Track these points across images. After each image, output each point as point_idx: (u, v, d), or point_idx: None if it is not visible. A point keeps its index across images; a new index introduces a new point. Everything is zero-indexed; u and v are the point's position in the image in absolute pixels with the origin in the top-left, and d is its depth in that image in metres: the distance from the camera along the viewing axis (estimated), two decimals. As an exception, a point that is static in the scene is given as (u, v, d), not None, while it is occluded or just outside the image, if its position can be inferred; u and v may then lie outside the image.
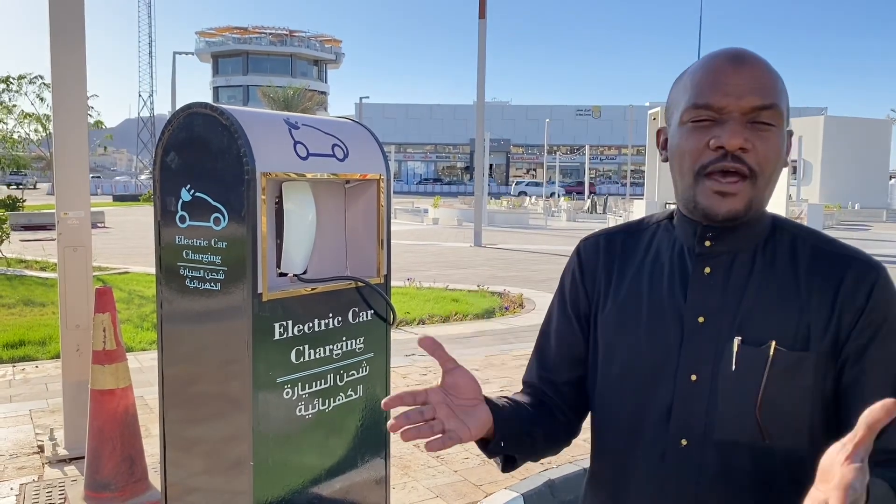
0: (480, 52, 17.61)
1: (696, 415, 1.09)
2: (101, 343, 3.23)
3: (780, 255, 1.14)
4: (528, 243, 18.11)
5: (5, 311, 8.36)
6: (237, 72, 78.54)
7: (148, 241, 17.10)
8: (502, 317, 8.48)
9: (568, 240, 19.14)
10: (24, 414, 4.71)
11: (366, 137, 3.27)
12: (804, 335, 1.07)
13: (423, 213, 27.71)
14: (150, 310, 8.14)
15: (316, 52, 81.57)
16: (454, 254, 15.47)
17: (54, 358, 6.18)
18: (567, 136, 71.27)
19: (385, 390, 3.30)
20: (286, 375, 2.79)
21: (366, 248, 3.29)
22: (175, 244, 2.85)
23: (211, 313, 2.85)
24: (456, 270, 12.52)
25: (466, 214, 25.55)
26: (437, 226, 24.80)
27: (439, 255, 15.14)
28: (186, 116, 2.83)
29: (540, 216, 28.66)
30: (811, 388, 1.07)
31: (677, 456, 1.11)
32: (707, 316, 1.11)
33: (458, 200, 34.01)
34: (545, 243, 18.09)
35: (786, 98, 1.10)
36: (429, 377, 5.71)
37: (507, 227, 24.13)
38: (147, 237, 18.25)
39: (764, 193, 1.10)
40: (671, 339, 1.12)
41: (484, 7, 17.57)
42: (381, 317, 3.27)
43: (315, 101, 53.23)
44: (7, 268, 11.90)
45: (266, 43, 79.11)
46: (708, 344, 1.10)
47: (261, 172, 2.67)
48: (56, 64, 3.58)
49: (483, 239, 17.52)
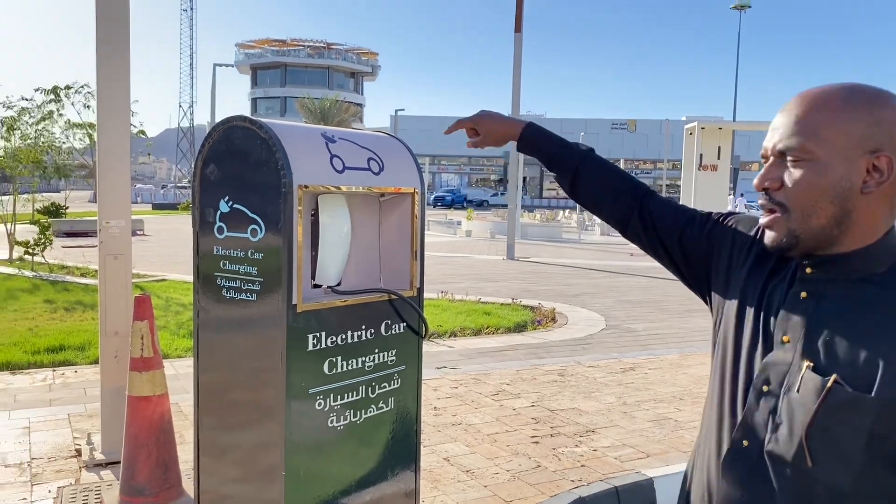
0: (516, 66, 17.63)
1: (759, 423, 1.17)
2: (138, 350, 3.30)
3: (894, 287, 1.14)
4: (562, 257, 18.03)
5: (47, 315, 8.55)
6: (275, 83, 79.66)
7: (186, 250, 17.37)
8: (534, 331, 8.44)
9: (602, 254, 19.00)
10: (62, 418, 4.82)
11: (401, 151, 3.30)
12: (870, 377, 1.07)
13: (456, 226, 27.74)
14: (186, 317, 8.27)
15: (353, 64, 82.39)
16: (487, 266, 15.46)
17: (93, 363, 6.30)
18: (602, 150, 70.21)
19: (416, 403, 3.31)
20: (319, 386, 2.81)
21: (399, 260, 3.31)
22: (213, 254, 2.90)
23: (246, 323, 2.89)
24: (488, 283, 12.51)
25: (499, 227, 25.51)
26: (470, 238, 24.81)
27: (472, 267, 15.14)
28: (226, 129, 2.89)
29: (573, 230, 28.52)
30: (869, 430, 1.06)
31: (739, 454, 1.19)
32: (791, 337, 1.17)
33: (490, 213, 33.99)
34: (579, 257, 17.98)
35: (838, 127, 1.11)
36: (459, 390, 5.71)
37: (540, 240, 24.04)
38: (185, 245, 18.53)
39: (811, 224, 1.14)
40: (758, 346, 1.21)
41: (520, 21, 17.61)
42: (414, 329, 3.28)
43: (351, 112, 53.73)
44: (49, 273, 12.18)
45: (304, 55, 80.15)
46: (784, 363, 1.16)
47: (298, 185, 2.71)
48: (101, 79, 3.69)
49: (516, 252, 17.47)
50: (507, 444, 4.54)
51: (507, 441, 4.60)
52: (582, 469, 4.19)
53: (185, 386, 5.27)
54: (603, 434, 4.81)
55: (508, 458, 4.33)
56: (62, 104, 12.86)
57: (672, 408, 5.48)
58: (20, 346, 6.85)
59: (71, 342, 7.01)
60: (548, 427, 4.89)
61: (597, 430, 4.88)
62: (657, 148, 69.46)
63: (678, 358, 7.19)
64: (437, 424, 4.82)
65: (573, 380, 6.16)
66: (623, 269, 15.30)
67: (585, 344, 7.83)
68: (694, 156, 18.91)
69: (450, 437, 4.63)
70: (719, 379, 1.28)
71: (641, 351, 7.58)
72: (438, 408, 5.18)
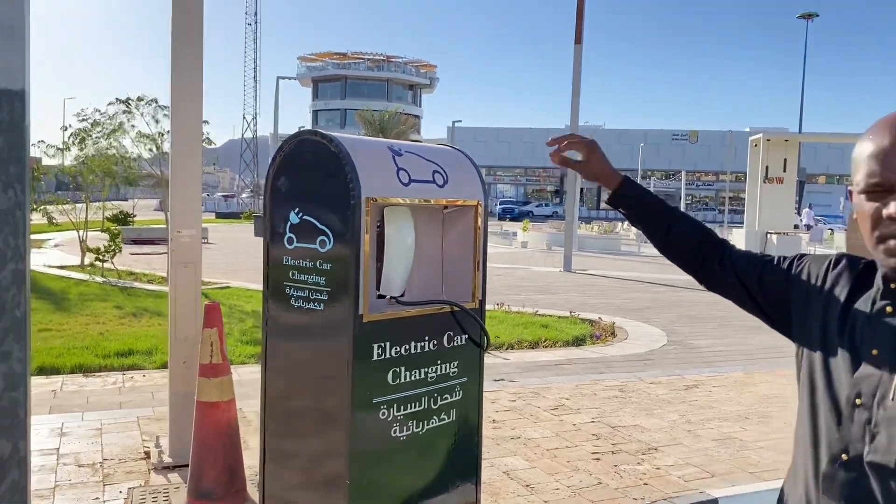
0: (575, 77, 17.54)
1: (856, 436, 1.20)
2: (207, 356, 3.39)
3: None
4: (620, 270, 17.78)
5: (116, 321, 8.86)
6: (336, 96, 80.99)
7: (248, 258, 17.78)
8: (593, 345, 8.34)
9: (661, 267, 18.67)
10: (132, 420, 4.97)
11: (465, 164, 3.31)
12: None
13: (512, 237, 27.66)
14: (250, 324, 8.44)
15: (411, 76, 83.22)
16: (543, 278, 15.36)
17: (160, 367, 6.49)
18: (662, 161, 69.80)
19: (478, 416, 3.31)
20: (383, 396, 2.84)
21: (461, 272, 3.33)
22: (282, 264, 2.97)
23: (313, 332, 2.94)
24: (545, 296, 12.43)
25: (556, 239, 25.32)
26: (526, 249, 24.70)
27: (528, 279, 15.06)
28: (297, 143, 2.96)
29: (632, 242, 28.08)
30: None
31: (838, 468, 1.23)
32: (880, 350, 1.22)
33: (547, 224, 33.78)
34: (638, 270, 17.71)
35: None
36: (518, 403, 5.67)
37: (597, 252, 23.77)
38: (247, 253, 18.96)
39: None
40: (847, 363, 1.26)
41: (580, 33, 17.53)
42: (476, 342, 3.29)
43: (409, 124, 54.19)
44: (118, 279, 12.61)
45: (364, 68, 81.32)
46: (875, 375, 1.21)
47: (366, 197, 2.75)
48: (176, 95, 3.82)
49: (573, 264, 17.32)
50: (568, 460, 4.49)
51: (567, 456, 4.55)
52: (644, 487, 4.12)
53: (248, 392, 5.38)
54: (666, 452, 4.72)
55: (569, 473, 4.28)
56: (132, 116, 13.32)
57: (737, 427, 5.33)
58: (92, 349, 7.10)
59: (139, 347, 7.23)
60: (609, 444, 4.82)
61: (659, 448, 4.79)
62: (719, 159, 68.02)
63: (743, 376, 7.01)
64: (495, 437, 4.80)
65: (634, 396, 6.06)
66: (685, 283, 15.00)
67: (647, 360, 7.70)
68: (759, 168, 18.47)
69: (509, 451, 4.60)
70: (808, 399, 1.33)
71: (705, 368, 7.41)
72: (497, 421, 5.16)
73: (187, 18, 3.84)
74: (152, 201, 38.83)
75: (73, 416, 5.04)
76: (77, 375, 6.27)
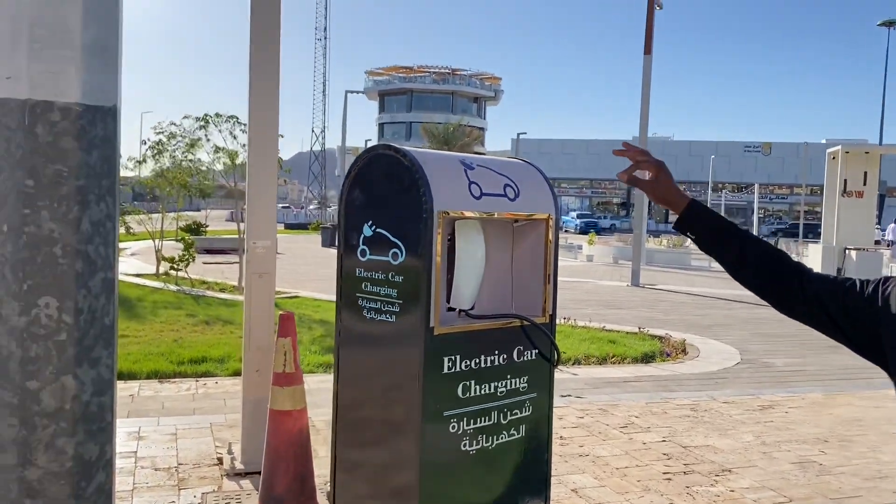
0: (644, 89, 17.30)
1: None
2: (281, 366, 3.45)
3: None
4: (690, 285, 17.37)
5: (190, 328, 9.12)
6: (401, 109, 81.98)
7: (316, 268, 18.09)
8: (663, 362, 8.16)
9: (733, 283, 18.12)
10: (205, 427, 5.10)
11: (536, 178, 3.30)
12: None
13: (577, 250, 27.35)
14: (318, 333, 8.57)
15: (476, 89, 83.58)
16: (610, 293, 15.13)
17: (231, 375, 6.65)
18: (734, 174, 68.06)
19: (548, 432, 3.27)
20: (453, 409, 2.84)
21: (531, 286, 3.30)
22: (355, 276, 3.00)
23: (385, 343, 2.97)
24: (612, 310, 12.23)
25: (623, 252, 24.92)
26: (592, 263, 24.39)
27: (595, 293, 14.86)
28: (371, 157, 3.00)
29: (703, 257, 27.38)
30: None
31: None
32: None
33: (613, 237, 33.31)
34: (709, 286, 17.26)
35: None
36: (586, 420, 5.58)
37: (666, 266, 23.29)
38: (315, 263, 19.31)
39: None
40: None
41: (650, 43, 17.29)
42: (546, 357, 3.26)
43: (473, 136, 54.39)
44: (191, 287, 13.00)
45: (429, 81, 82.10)
46: None
47: (438, 211, 2.77)
48: (253, 111, 3.94)
49: (641, 278, 17.00)
50: (638, 479, 4.39)
51: (637, 476, 4.45)
52: (718, 510, 3.99)
53: (317, 401, 5.44)
54: (740, 474, 4.56)
55: (639, 493, 4.18)
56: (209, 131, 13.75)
57: (816, 450, 5.12)
58: (166, 356, 7.33)
59: (212, 354, 7.42)
60: (680, 464, 4.70)
61: (734, 470, 4.63)
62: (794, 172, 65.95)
63: (822, 397, 6.73)
64: (563, 454, 4.74)
65: (706, 416, 5.89)
66: (758, 299, 14.51)
67: (719, 378, 7.48)
68: (837, 181, 17.79)
69: (577, 468, 4.53)
70: None
71: (780, 388, 7.15)
72: (565, 437, 5.09)
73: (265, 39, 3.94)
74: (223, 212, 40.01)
75: (149, 420, 5.21)
76: (153, 381, 6.48)
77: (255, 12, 3.90)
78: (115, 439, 2.05)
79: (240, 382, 5.24)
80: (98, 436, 1.98)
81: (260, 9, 3.92)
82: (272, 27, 3.95)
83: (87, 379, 1.92)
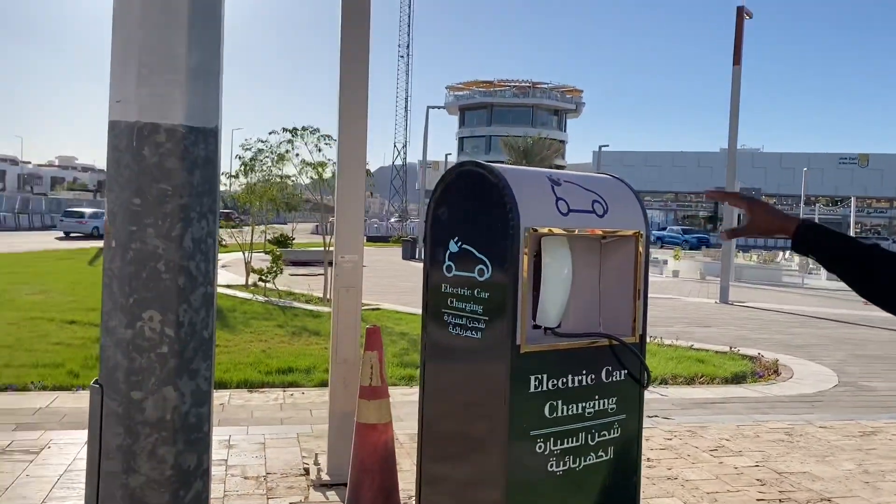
0: (734, 99, 16.80)
1: None
2: (367, 379, 3.49)
3: None
4: (782, 303, 16.68)
5: (277, 339, 9.37)
6: (481, 123, 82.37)
7: (397, 280, 18.32)
8: (755, 384, 7.84)
9: (829, 301, 17.32)
10: (292, 437, 5.20)
11: (625, 193, 3.23)
12: None
13: (662, 265, 26.70)
14: (400, 347, 8.65)
15: (556, 102, 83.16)
16: (698, 310, 14.69)
17: (317, 386, 6.77)
18: (828, 187, 65.23)
19: (637, 455, 3.18)
20: (540, 429, 2.80)
21: (619, 304, 3.23)
22: (441, 291, 3.01)
23: (470, 359, 2.96)
24: (700, 328, 11.86)
25: (710, 268, 24.21)
26: (677, 279, 23.76)
27: (681, 310, 14.45)
28: (458, 173, 3.01)
29: (795, 273, 26.28)
30: None
31: None
32: None
33: (700, 252, 32.37)
34: (802, 304, 16.54)
35: None
36: (674, 442, 5.41)
37: (757, 283, 22.45)
38: (396, 276, 19.55)
39: None
40: None
41: (739, 53, 16.80)
42: (635, 378, 3.17)
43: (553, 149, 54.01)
44: (278, 299, 13.36)
45: (509, 95, 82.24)
46: None
47: (525, 227, 2.75)
48: (343, 129, 4.02)
49: (730, 295, 16.44)
50: (729, 506, 4.21)
51: (728, 502, 4.27)
52: (818, 543, 3.78)
53: (398, 414, 5.48)
54: (841, 505, 4.32)
55: (731, 520, 4.02)
56: (295, 145, 14.14)
57: (926, 482, 4.80)
58: (255, 366, 7.53)
59: (298, 365, 7.58)
60: (776, 490, 4.49)
61: (833, 500, 4.39)
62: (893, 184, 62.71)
63: (930, 425, 6.31)
64: (651, 477, 4.60)
65: (803, 441, 5.61)
66: (856, 318, 13.82)
67: (815, 401, 7.12)
68: (944, 194, 16.75)
69: (665, 492, 4.39)
70: None
71: (883, 413, 6.75)
72: (652, 459, 4.95)
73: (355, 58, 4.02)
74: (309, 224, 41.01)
75: (239, 429, 5.36)
76: (242, 390, 6.67)
77: (346, 29, 3.99)
78: (211, 449, 2.12)
79: (325, 393, 5.33)
80: (196, 445, 2.05)
81: (350, 27, 4.00)
82: (361, 47, 4.03)
83: (187, 390, 1.99)
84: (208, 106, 1.99)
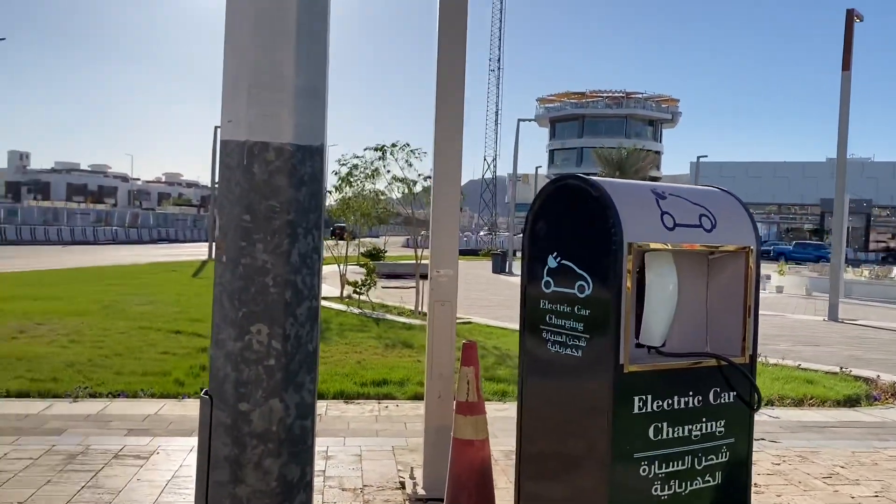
0: (843, 107, 15.96)
1: None
2: (464, 394, 3.46)
3: None
4: (897, 321, 15.64)
5: (371, 350, 9.49)
6: (572, 135, 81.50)
7: (487, 293, 18.28)
8: (871, 407, 7.35)
9: (951, 320, 16.10)
10: (387, 449, 5.23)
11: (735, 207, 3.10)
12: None
13: (765, 280, 25.56)
14: (491, 361, 8.60)
15: (651, 112, 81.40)
16: (804, 328, 13.96)
17: (411, 398, 6.80)
18: (952, 199, 61.00)
19: (746, 481, 3.03)
20: (644, 452, 2.70)
21: (728, 323, 3.09)
22: (539, 307, 2.96)
23: (570, 378, 2.89)
24: (808, 347, 11.26)
25: (816, 283, 23.02)
26: (781, 294, 22.70)
27: (787, 328, 13.77)
28: (557, 187, 2.95)
29: (911, 289, 24.62)
30: None
31: None
32: None
33: (806, 268, 30.85)
34: (920, 322, 15.45)
35: None
36: (783, 467, 5.13)
37: (868, 300, 21.17)
38: (487, 290, 19.52)
39: None
40: None
41: (849, 59, 15.97)
42: (745, 400, 3.02)
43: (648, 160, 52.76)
44: (372, 311, 13.56)
45: (602, 106, 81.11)
46: None
47: (628, 243, 2.67)
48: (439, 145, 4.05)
49: (840, 312, 15.55)
50: (847, 539, 3.95)
51: (846, 535, 4.00)
52: (949, 584, 3.48)
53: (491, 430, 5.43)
54: (975, 544, 3.97)
55: (850, 555, 3.76)
56: (387, 161, 14.38)
57: None
58: (351, 377, 7.64)
59: (392, 377, 7.64)
60: (898, 525, 4.18)
61: (965, 538, 4.04)
62: None
63: None
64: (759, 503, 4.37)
65: (927, 470, 5.21)
66: (983, 339, 12.78)
67: (940, 428, 6.60)
68: None
69: (775, 521, 4.16)
70: None
71: None
72: (759, 485, 4.70)
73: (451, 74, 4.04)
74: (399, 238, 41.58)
75: (336, 440, 5.43)
76: (339, 401, 6.77)
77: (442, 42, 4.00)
78: (314, 462, 2.14)
79: (418, 406, 5.34)
80: (300, 457, 2.07)
81: (447, 42, 4.02)
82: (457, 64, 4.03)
83: (292, 403, 2.02)
84: (315, 124, 2.02)
